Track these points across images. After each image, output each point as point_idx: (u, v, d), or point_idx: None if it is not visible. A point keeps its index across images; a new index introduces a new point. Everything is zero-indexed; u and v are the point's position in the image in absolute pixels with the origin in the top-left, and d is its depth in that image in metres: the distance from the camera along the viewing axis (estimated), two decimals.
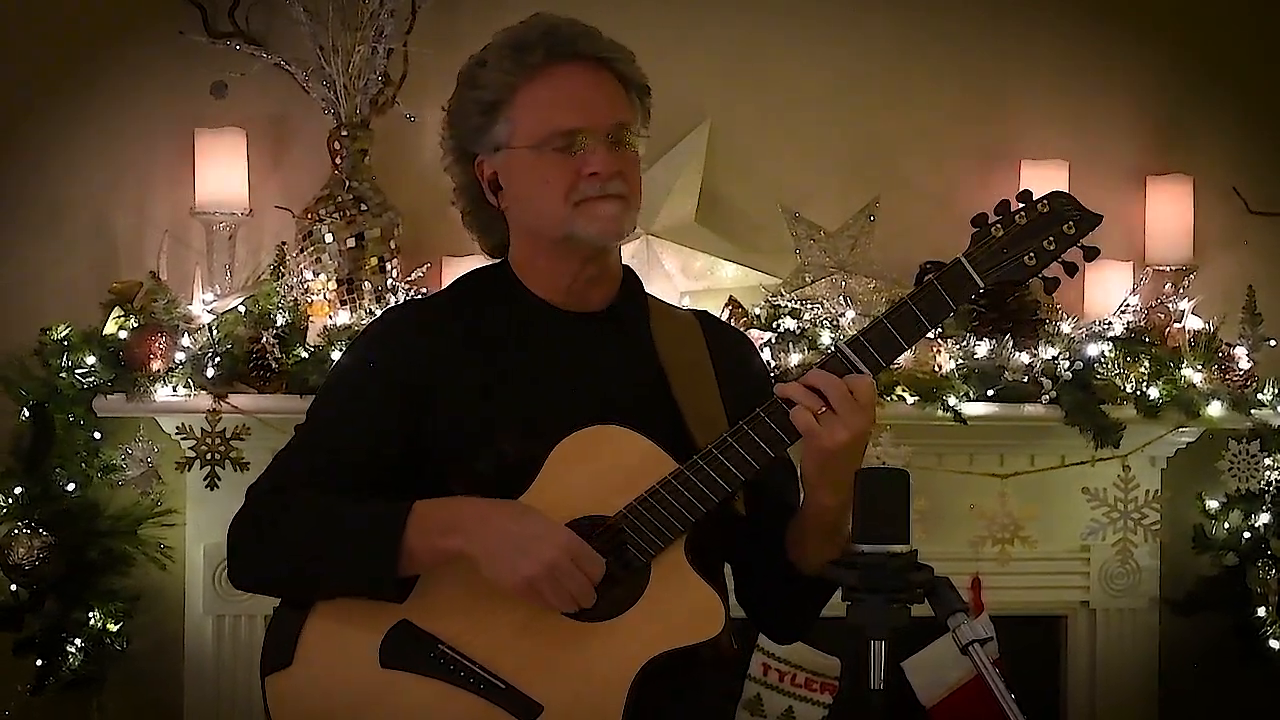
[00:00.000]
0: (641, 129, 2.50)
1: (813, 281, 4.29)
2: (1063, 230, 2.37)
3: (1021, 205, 2.39)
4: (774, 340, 4.11)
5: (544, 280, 2.49)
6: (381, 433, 2.43)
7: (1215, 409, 4.33)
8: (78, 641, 3.97)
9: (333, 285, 4.02)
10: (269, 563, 2.43)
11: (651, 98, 2.53)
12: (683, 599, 2.33)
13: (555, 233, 2.42)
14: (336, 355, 3.87)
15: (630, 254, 4.21)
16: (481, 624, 2.35)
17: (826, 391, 2.29)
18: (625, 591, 2.34)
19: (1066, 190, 2.43)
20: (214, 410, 3.87)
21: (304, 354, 3.90)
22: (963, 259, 2.37)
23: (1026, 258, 2.36)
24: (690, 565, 2.34)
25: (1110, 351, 4.27)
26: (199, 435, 3.86)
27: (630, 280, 2.58)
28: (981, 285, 2.36)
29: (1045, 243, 2.37)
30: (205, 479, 3.87)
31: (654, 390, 2.45)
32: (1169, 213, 4.61)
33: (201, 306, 3.96)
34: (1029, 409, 4.25)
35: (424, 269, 4.11)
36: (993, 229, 2.38)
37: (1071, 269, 2.40)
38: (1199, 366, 4.34)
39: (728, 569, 2.55)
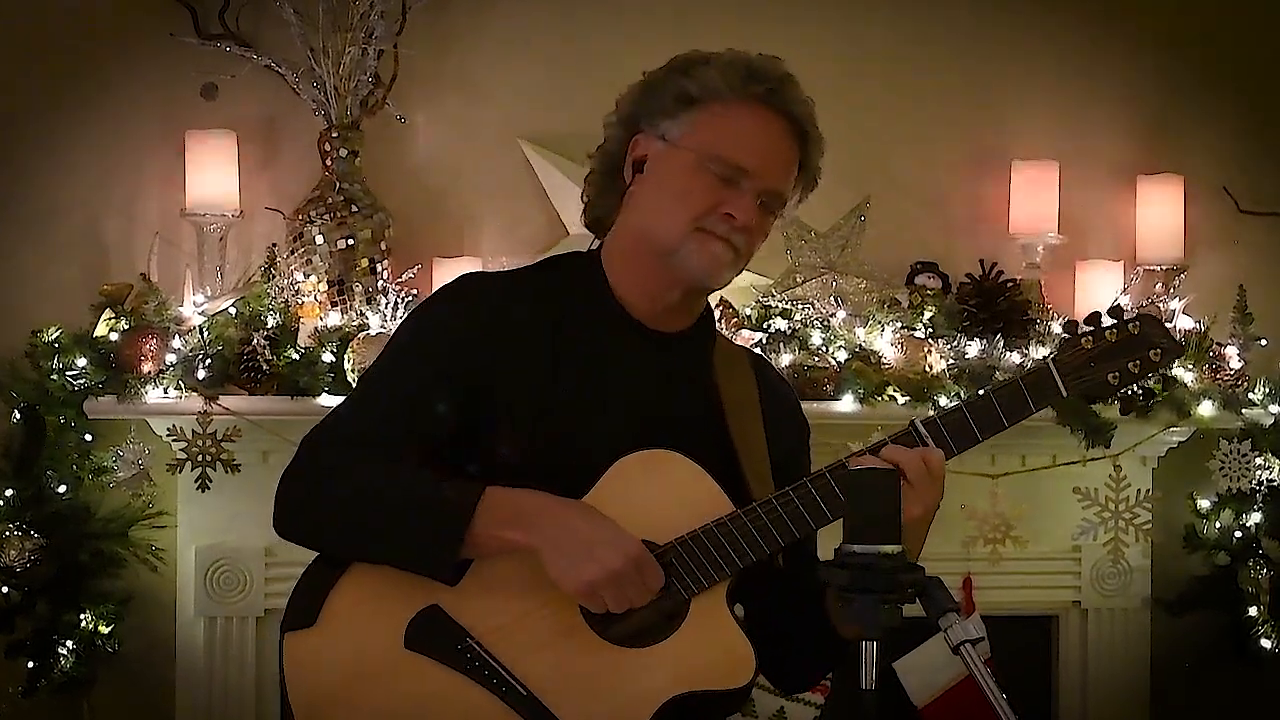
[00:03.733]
0: (790, 204, 2.53)
1: (803, 282, 4.29)
2: (1149, 356, 2.41)
3: (1113, 322, 2.43)
4: (765, 341, 4.11)
5: (630, 286, 2.48)
6: (439, 405, 2.40)
7: (1206, 409, 4.33)
8: (69, 643, 3.97)
9: (323, 287, 4.02)
10: (324, 517, 2.40)
11: (818, 184, 2.56)
12: (718, 643, 2.34)
13: (664, 243, 2.42)
14: (328, 357, 3.87)
15: None
16: (514, 627, 2.35)
17: (904, 465, 2.31)
18: (661, 622, 2.34)
19: (1155, 318, 2.48)
20: (205, 412, 3.87)
21: (295, 355, 3.89)
22: (1050, 364, 2.40)
23: (1110, 376, 2.41)
24: (729, 611, 2.35)
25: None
26: (190, 437, 3.86)
27: (706, 311, 2.59)
28: (1064, 393, 2.40)
29: (1131, 365, 2.41)
30: (196, 481, 3.87)
31: (709, 422, 2.46)
32: (1160, 212, 4.62)
33: (192, 308, 3.96)
34: None
35: (414, 270, 4.11)
36: (1083, 340, 2.41)
37: (1149, 395, 2.45)
38: (1190, 366, 4.35)
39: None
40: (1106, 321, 2.42)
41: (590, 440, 2.37)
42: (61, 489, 3.98)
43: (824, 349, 4.14)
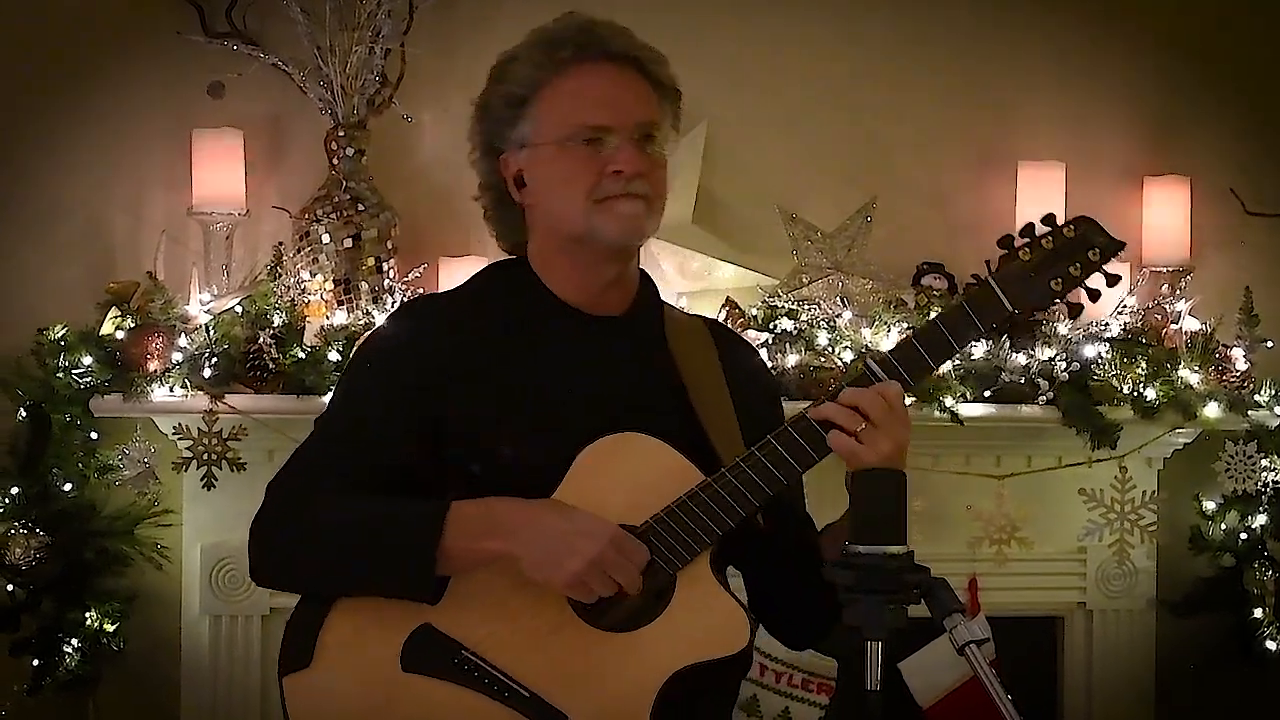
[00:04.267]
0: (671, 133, 2.50)
1: (810, 282, 4.29)
2: (1088, 256, 2.40)
3: (1048, 229, 2.41)
4: (771, 341, 4.11)
5: (563, 280, 2.48)
6: (398, 427, 2.41)
7: (1212, 410, 4.33)
8: (74, 642, 3.97)
9: (330, 286, 4.02)
10: (297, 560, 2.40)
11: (682, 102, 2.53)
12: (709, 612, 2.34)
13: (575, 230, 2.42)
14: (334, 356, 3.87)
15: None
16: (505, 631, 2.35)
17: (863, 405, 2.30)
18: (650, 603, 2.34)
19: (1090, 217, 2.46)
20: (211, 410, 3.86)
21: (301, 354, 3.89)
22: (992, 281, 2.38)
23: (1053, 283, 2.40)
24: (716, 578, 2.35)
25: (1107, 352, 4.28)
26: (196, 435, 3.86)
27: (647, 284, 2.57)
28: (1010, 308, 2.38)
29: (1072, 268, 2.40)
30: (202, 479, 3.87)
31: (671, 397, 2.45)
32: (1166, 214, 4.61)
33: (198, 307, 3.96)
34: (1026, 410, 4.26)
35: (421, 269, 4.11)
36: (1019, 252, 2.40)
37: (1095, 295, 2.43)
38: (1196, 367, 4.35)
39: (739, 578, 2.56)
40: (1041, 230, 2.41)
41: (555, 436, 2.36)
42: (67, 487, 3.98)
43: (830, 349, 4.14)
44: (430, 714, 2.34)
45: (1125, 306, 4.38)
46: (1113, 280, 2.42)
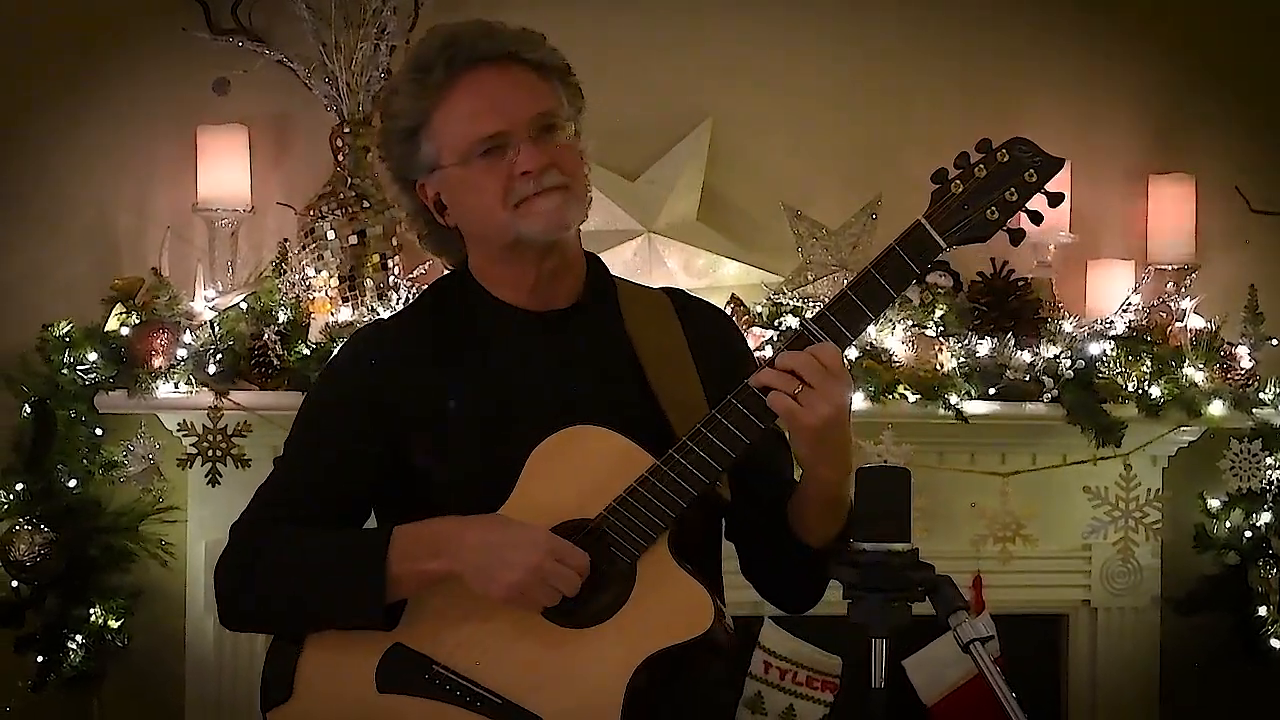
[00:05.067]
0: (572, 111, 2.46)
1: (815, 280, 4.29)
2: (1024, 179, 2.31)
3: (981, 156, 2.33)
4: (776, 338, 4.11)
5: (505, 284, 2.47)
6: (355, 458, 2.42)
7: (1217, 408, 4.33)
8: (79, 638, 3.97)
9: (335, 282, 4.02)
10: (256, 603, 2.42)
11: (575, 74, 2.49)
12: (670, 597, 2.31)
13: (503, 238, 2.41)
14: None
15: (632, 252, 4.21)
16: (472, 640, 2.35)
17: (798, 369, 2.24)
18: (613, 595, 2.32)
19: (1024, 134, 2.37)
20: (216, 407, 3.87)
21: (306, 351, 3.89)
22: (922, 220, 2.30)
23: (989, 212, 2.30)
24: (676, 561, 2.32)
25: (1112, 350, 4.28)
26: (201, 432, 3.86)
27: (595, 267, 2.55)
28: (944, 245, 2.29)
29: (1008, 194, 2.30)
30: (207, 476, 3.87)
31: (629, 381, 2.43)
32: (1171, 212, 4.61)
33: (203, 303, 3.96)
34: (1030, 407, 4.25)
35: (425, 266, 4.11)
36: (952, 185, 2.32)
37: (1037, 218, 2.33)
38: (1201, 365, 4.34)
39: (730, 548, 2.54)
40: (973, 158, 2.32)
41: (514, 443, 2.36)
42: (72, 483, 3.98)
43: None
44: None
45: (1130, 304, 4.38)
46: (1055, 199, 2.31)
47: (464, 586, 2.31)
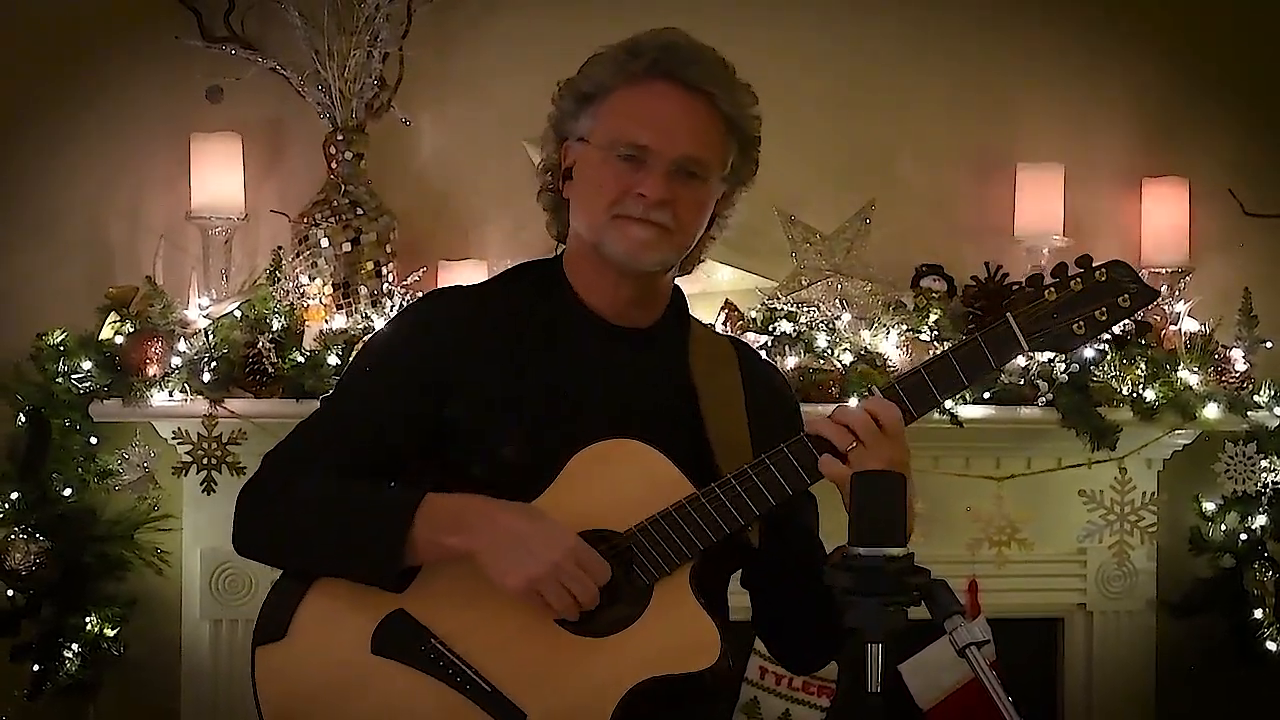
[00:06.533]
0: (730, 175, 2.50)
1: (809, 285, 4.29)
2: (1118, 302, 2.33)
3: (1079, 271, 2.35)
4: (770, 343, 4.11)
5: (588, 286, 2.49)
6: (398, 419, 2.42)
7: (1212, 411, 4.33)
8: (74, 646, 3.97)
9: (329, 289, 4.02)
10: (273, 533, 2.43)
11: (759, 150, 2.53)
12: (681, 626, 2.32)
13: (590, 237, 2.43)
14: (333, 360, 3.87)
15: None
16: (477, 624, 2.35)
17: (853, 425, 2.28)
18: (624, 611, 2.33)
19: (1124, 264, 2.38)
20: (210, 415, 3.87)
21: (300, 358, 3.89)
22: (1010, 318, 2.33)
23: (1075, 326, 2.33)
24: (693, 593, 2.33)
25: (1107, 354, 4.27)
26: (195, 440, 3.86)
27: (677, 300, 2.58)
28: (1026, 348, 2.33)
29: (1098, 313, 2.33)
30: (202, 484, 3.87)
31: (681, 409, 2.45)
32: (1165, 215, 4.62)
33: (197, 311, 3.96)
34: (1025, 411, 4.26)
35: (420, 273, 4.11)
36: (1045, 292, 2.34)
37: (1121, 342, 2.37)
38: (1195, 369, 4.35)
39: (743, 597, 2.55)
40: (1072, 271, 2.34)
41: (559, 440, 2.36)
42: (67, 492, 3.98)
43: (829, 352, 4.14)
44: (391, 699, 2.35)
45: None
46: (1143, 329, 2.35)
47: (481, 569, 2.31)
